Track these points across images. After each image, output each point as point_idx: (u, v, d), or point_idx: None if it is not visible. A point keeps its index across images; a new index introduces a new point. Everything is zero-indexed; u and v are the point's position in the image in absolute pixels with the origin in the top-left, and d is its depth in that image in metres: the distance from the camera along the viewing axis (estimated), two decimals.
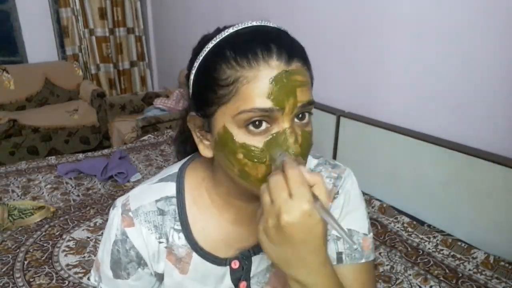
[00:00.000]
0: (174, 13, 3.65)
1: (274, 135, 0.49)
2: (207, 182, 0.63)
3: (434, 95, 1.61)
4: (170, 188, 0.63)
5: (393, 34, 1.72)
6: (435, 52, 1.57)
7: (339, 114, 1.98)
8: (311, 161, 0.67)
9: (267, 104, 0.47)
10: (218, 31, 0.53)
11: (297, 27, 2.15)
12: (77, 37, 3.86)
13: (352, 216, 0.64)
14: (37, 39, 3.78)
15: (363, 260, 0.64)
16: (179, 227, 0.61)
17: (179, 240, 0.61)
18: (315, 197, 0.44)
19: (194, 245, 0.61)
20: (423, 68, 1.63)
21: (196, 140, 0.57)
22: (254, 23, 0.52)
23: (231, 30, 0.51)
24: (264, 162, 0.49)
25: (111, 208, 0.64)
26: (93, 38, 3.92)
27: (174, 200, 0.62)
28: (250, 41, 0.49)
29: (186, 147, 0.69)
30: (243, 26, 0.51)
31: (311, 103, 0.51)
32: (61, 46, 3.94)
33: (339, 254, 0.63)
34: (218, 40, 0.51)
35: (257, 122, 0.48)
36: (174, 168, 0.65)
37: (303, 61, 0.51)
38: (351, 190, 0.65)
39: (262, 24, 0.53)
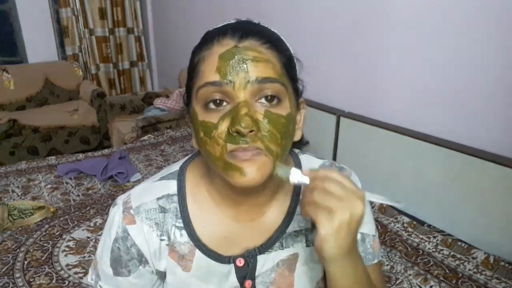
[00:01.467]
0: (174, 13, 3.65)
1: (229, 112, 0.50)
2: (205, 178, 0.63)
3: (434, 95, 1.61)
4: (171, 186, 0.63)
5: (393, 34, 1.72)
6: (435, 52, 1.57)
7: (339, 114, 1.98)
8: (315, 162, 0.68)
9: (215, 77, 0.50)
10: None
11: (298, 27, 2.16)
12: (77, 37, 3.87)
13: (364, 220, 0.65)
14: (37, 39, 3.78)
15: (376, 261, 0.66)
16: (181, 224, 0.62)
17: (181, 237, 0.62)
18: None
19: (197, 242, 0.61)
20: (423, 68, 1.63)
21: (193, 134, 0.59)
22: (232, 20, 0.57)
23: (214, 27, 0.56)
24: (220, 137, 0.50)
25: (112, 206, 0.64)
26: (93, 38, 3.92)
27: (176, 198, 0.62)
28: (216, 30, 0.54)
29: None
30: (226, 23, 0.56)
31: (271, 81, 0.50)
32: (61, 46, 3.94)
33: None
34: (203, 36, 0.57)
35: (218, 101, 0.51)
36: (175, 167, 0.66)
37: (263, 41, 0.52)
38: None
39: (240, 20, 0.57)
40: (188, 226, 0.61)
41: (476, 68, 1.45)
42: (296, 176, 0.50)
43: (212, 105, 0.51)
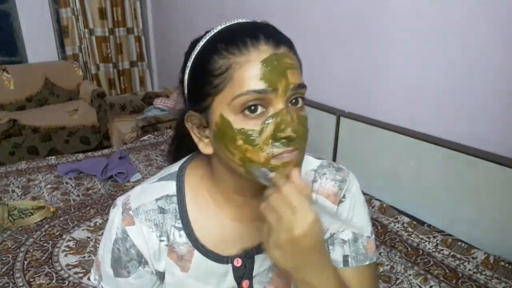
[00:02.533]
0: (174, 13, 3.65)
1: (271, 117, 0.51)
2: (206, 180, 0.63)
3: (434, 95, 1.61)
4: (170, 187, 0.63)
5: (394, 34, 1.72)
6: (435, 52, 1.57)
7: (339, 114, 1.98)
8: (313, 162, 0.68)
9: (261, 85, 0.49)
10: (207, 32, 0.56)
11: (298, 27, 2.16)
12: (77, 37, 3.86)
13: (357, 219, 0.66)
14: (37, 39, 3.77)
15: (367, 262, 0.65)
16: (180, 225, 0.62)
17: (180, 238, 0.62)
18: (312, 201, 0.48)
19: (196, 243, 0.62)
20: (423, 68, 1.63)
21: (196, 139, 0.58)
22: (241, 20, 0.55)
23: (219, 27, 0.55)
24: (262, 146, 0.51)
25: (112, 207, 0.64)
26: (93, 38, 3.92)
27: (175, 199, 0.62)
28: (238, 32, 0.52)
29: (181, 152, 0.70)
30: (231, 23, 0.55)
31: (302, 86, 0.53)
32: (61, 46, 3.94)
33: (345, 257, 0.64)
34: (208, 37, 0.54)
35: (252, 107, 0.50)
36: (174, 167, 0.66)
37: (290, 48, 0.54)
38: (356, 194, 0.66)
39: (249, 20, 0.56)
40: (187, 227, 0.62)
41: (476, 68, 1.45)
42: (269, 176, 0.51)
43: (248, 112, 0.50)
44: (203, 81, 0.53)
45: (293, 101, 0.52)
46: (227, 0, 2.82)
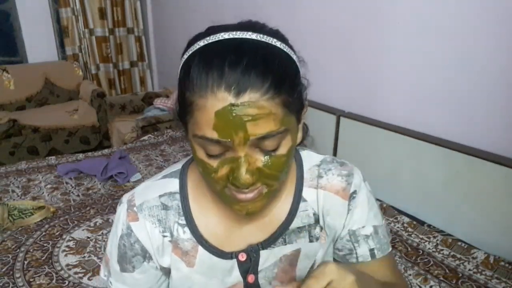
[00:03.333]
0: (174, 13, 3.65)
1: (226, 161, 0.50)
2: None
3: (434, 95, 1.61)
4: (173, 184, 0.64)
5: (393, 34, 1.72)
6: (435, 52, 1.57)
7: (339, 114, 1.98)
8: (315, 157, 0.67)
9: (214, 135, 0.47)
10: (205, 34, 0.51)
11: (298, 27, 2.16)
12: (77, 37, 3.87)
13: (373, 212, 0.67)
14: (37, 39, 3.78)
15: (390, 249, 0.68)
16: (184, 222, 0.63)
17: (184, 234, 0.63)
18: None
19: (200, 239, 0.62)
20: (423, 68, 1.63)
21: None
22: (228, 35, 0.49)
23: (201, 44, 0.50)
24: (217, 180, 0.52)
25: (118, 205, 0.66)
26: (93, 38, 3.92)
27: (178, 196, 0.63)
28: (209, 61, 0.47)
29: None
30: (213, 41, 0.49)
31: (273, 135, 0.48)
32: (61, 46, 3.94)
33: (372, 251, 0.66)
34: (189, 53, 0.51)
35: (211, 148, 0.50)
36: (178, 165, 0.67)
37: (267, 92, 0.46)
38: (366, 186, 0.67)
39: (236, 37, 0.49)
40: (190, 223, 0.62)
41: (476, 68, 1.45)
42: None
43: (211, 152, 0.50)
44: (180, 100, 0.52)
45: (266, 142, 0.49)
46: (227, 0, 2.82)
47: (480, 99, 1.46)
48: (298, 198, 0.64)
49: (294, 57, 0.53)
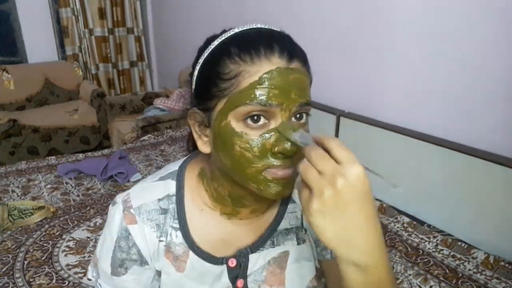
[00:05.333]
0: (174, 13, 3.65)
1: (272, 130, 0.50)
2: (204, 179, 0.63)
3: (434, 95, 1.61)
4: (171, 186, 0.63)
5: (393, 34, 1.72)
6: (435, 52, 1.57)
7: (339, 114, 1.98)
8: None
9: (266, 98, 0.48)
10: (224, 32, 0.55)
11: (298, 27, 2.16)
12: (77, 37, 3.87)
13: None
14: (37, 39, 3.78)
15: None
16: (177, 225, 0.62)
17: (176, 238, 0.62)
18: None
19: (191, 244, 0.62)
20: (423, 68, 1.63)
21: (195, 136, 0.58)
22: (259, 25, 0.54)
23: (236, 30, 0.53)
24: (258, 156, 0.50)
25: (111, 205, 0.64)
26: (93, 38, 3.92)
27: (174, 198, 0.63)
28: (254, 39, 0.51)
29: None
30: (249, 27, 0.54)
31: (308, 104, 0.52)
32: (61, 46, 3.94)
33: None
34: (223, 38, 0.53)
35: (255, 117, 0.49)
36: (174, 166, 0.66)
37: (303, 63, 0.52)
38: None
39: (266, 27, 0.54)
40: (183, 227, 0.62)
41: (476, 68, 1.45)
42: (296, 136, 0.48)
43: (250, 121, 0.50)
44: (211, 82, 0.52)
45: (298, 116, 0.52)
46: (227, 0, 2.82)
47: (480, 99, 1.46)
48: (287, 199, 0.64)
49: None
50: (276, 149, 0.49)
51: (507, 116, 1.39)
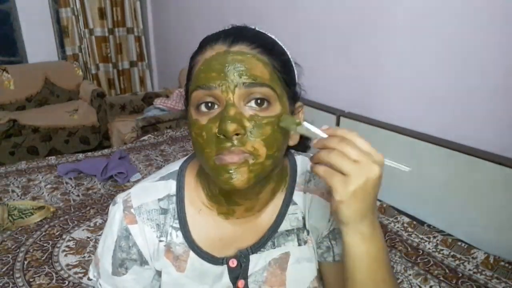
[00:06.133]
0: (174, 13, 3.65)
1: (219, 115, 0.50)
2: (202, 179, 0.63)
3: (434, 95, 1.61)
4: (172, 186, 0.63)
5: (393, 34, 1.72)
6: (435, 52, 1.57)
7: (339, 114, 1.98)
8: (308, 163, 0.67)
9: (205, 81, 0.51)
10: None
11: (298, 27, 2.16)
12: (77, 37, 3.87)
13: None
14: (37, 39, 3.77)
15: None
16: (177, 225, 0.62)
17: (177, 238, 0.62)
18: None
19: (191, 244, 0.62)
20: (423, 68, 1.63)
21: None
22: (235, 25, 0.58)
23: (216, 30, 0.57)
24: (206, 141, 0.51)
25: (111, 205, 0.64)
26: (93, 38, 3.92)
27: (174, 199, 0.63)
28: (214, 34, 0.56)
29: None
30: (222, 29, 0.57)
31: (260, 85, 0.50)
32: (61, 46, 3.94)
33: None
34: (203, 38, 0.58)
35: (209, 104, 0.51)
36: (175, 166, 0.66)
37: (257, 48, 0.53)
38: None
39: (243, 25, 0.58)
40: (184, 227, 0.62)
41: (476, 68, 1.45)
42: (304, 128, 0.50)
43: (203, 108, 0.52)
44: (188, 77, 0.57)
45: (258, 101, 0.51)
46: (227, 0, 2.82)
47: (480, 99, 1.46)
48: (288, 201, 0.64)
49: (288, 52, 0.58)
50: (217, 130, 0.50)
51: (507, 116, 1.39)
